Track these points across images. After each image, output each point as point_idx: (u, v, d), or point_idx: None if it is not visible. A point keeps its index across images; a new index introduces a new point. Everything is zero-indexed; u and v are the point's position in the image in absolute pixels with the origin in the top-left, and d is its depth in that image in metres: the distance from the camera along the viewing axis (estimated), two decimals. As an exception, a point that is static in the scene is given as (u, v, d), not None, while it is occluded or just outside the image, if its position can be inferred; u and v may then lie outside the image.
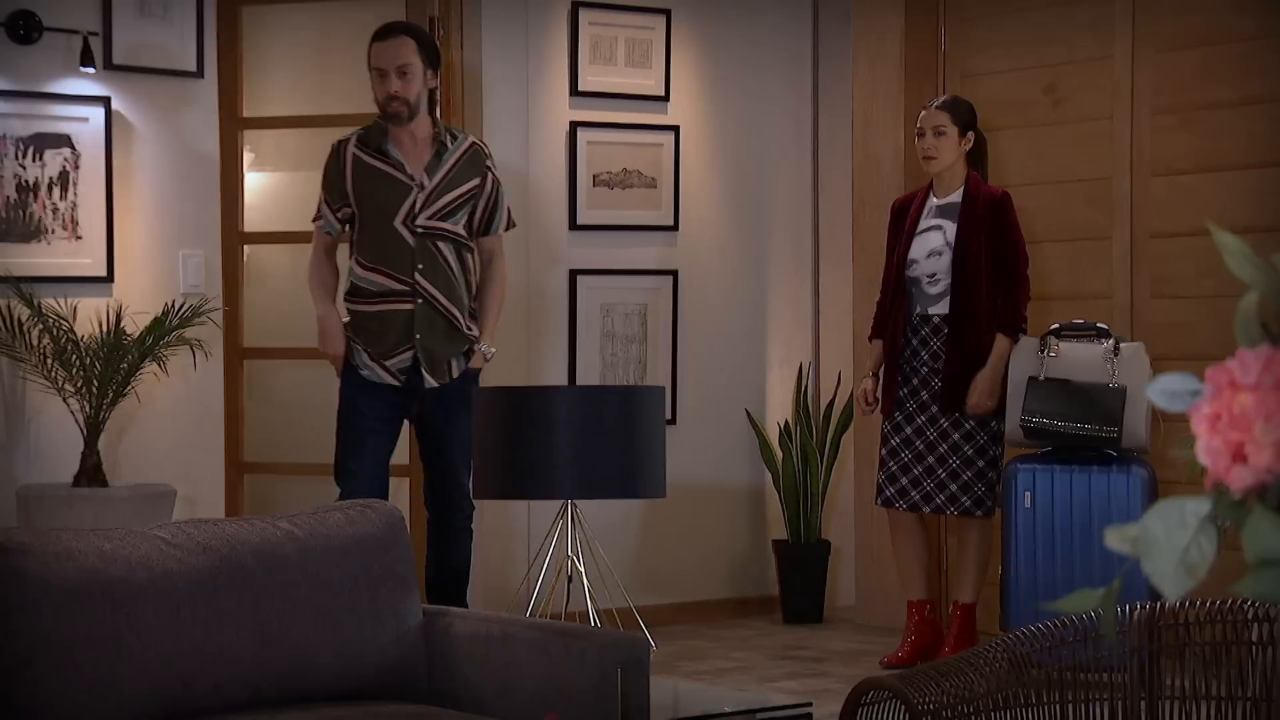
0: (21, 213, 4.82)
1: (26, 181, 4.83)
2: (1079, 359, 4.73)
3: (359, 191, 4.33)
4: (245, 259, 5.81)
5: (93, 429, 4.71)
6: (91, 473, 4.70)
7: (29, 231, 4.84)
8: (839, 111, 6.02)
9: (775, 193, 6.07)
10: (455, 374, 4.32)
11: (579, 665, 3.10)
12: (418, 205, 4.30)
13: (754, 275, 6.03)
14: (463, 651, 3.25)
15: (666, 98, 5.85)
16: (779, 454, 5.85)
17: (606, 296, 5.78)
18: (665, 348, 5.87)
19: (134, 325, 4.78)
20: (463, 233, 4.35)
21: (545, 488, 3.92)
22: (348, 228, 4.45)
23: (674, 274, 5.89)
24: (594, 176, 5.77)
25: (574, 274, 5.73)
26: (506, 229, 4.49)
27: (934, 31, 5.74)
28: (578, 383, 5.68)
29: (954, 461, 4.89)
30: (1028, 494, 4.63)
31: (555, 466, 3.88)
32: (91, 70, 4.89)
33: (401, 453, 5.69)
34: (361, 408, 4.38)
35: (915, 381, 4.93)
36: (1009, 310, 4.87)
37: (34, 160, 4.83)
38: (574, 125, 5.71)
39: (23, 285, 4.68)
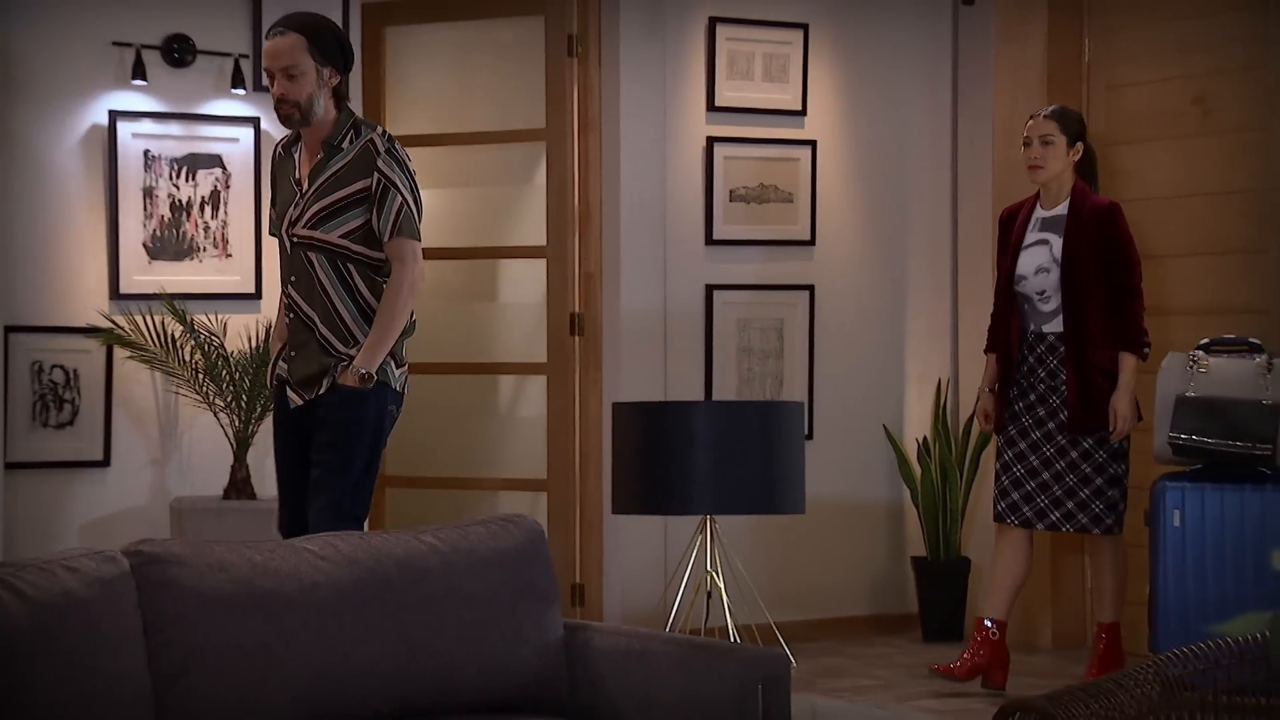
0: (175, 232, 4.95)
1: (180, 201, 4.96)
2: (1230, 375, 4.61)
3: (273, 196, 4.00)
4: (387, 275, 5.91)
5: (242, 443, 4.81)
6: (240, 485, 4.81)
7: (182, 250, 4.97)
8: (979, 122, 5.96)
9: (913, 206, 6.02)
10: (323, 389, 3.86)
11: (719, 681, 3.10)
12: (294, 214, 3.89)
13: (891, 289, 5.98)
14: (603, 666, 3.26)
15: (804, 112, 5.84)
16: (917, 470, 5.80)
17: (743, 311, 5.78)
18: (802, 363, 5.85)
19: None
20: (343, 242, 3.83)
21: (684, 503, 3.92)
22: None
23: (810, 289, 5.87)
24: (730, 192, 5.77)
25: (710, 289, 5.74)
26: (393, 235, 3.85)
27: (1077, 40, 5.65)
28: (714, 398, 5.68)
29: (1071, 479, 4.79)
30: (1176, 512, 4.51)
31: (694, 482, 3.88)
32: (242, 92, 5.01)
33: (536, 467, 5.74)
34: (279, 432, 4.01)
35: (1032, 397, 4.84)
36: (1129, 327, 4.75)
37: (187, 180, 4.96)
38: (710, 141, 5.72)
39: (176, 302, 4.80)
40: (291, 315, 3.91)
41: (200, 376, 4.79)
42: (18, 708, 2.60)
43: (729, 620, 4.15)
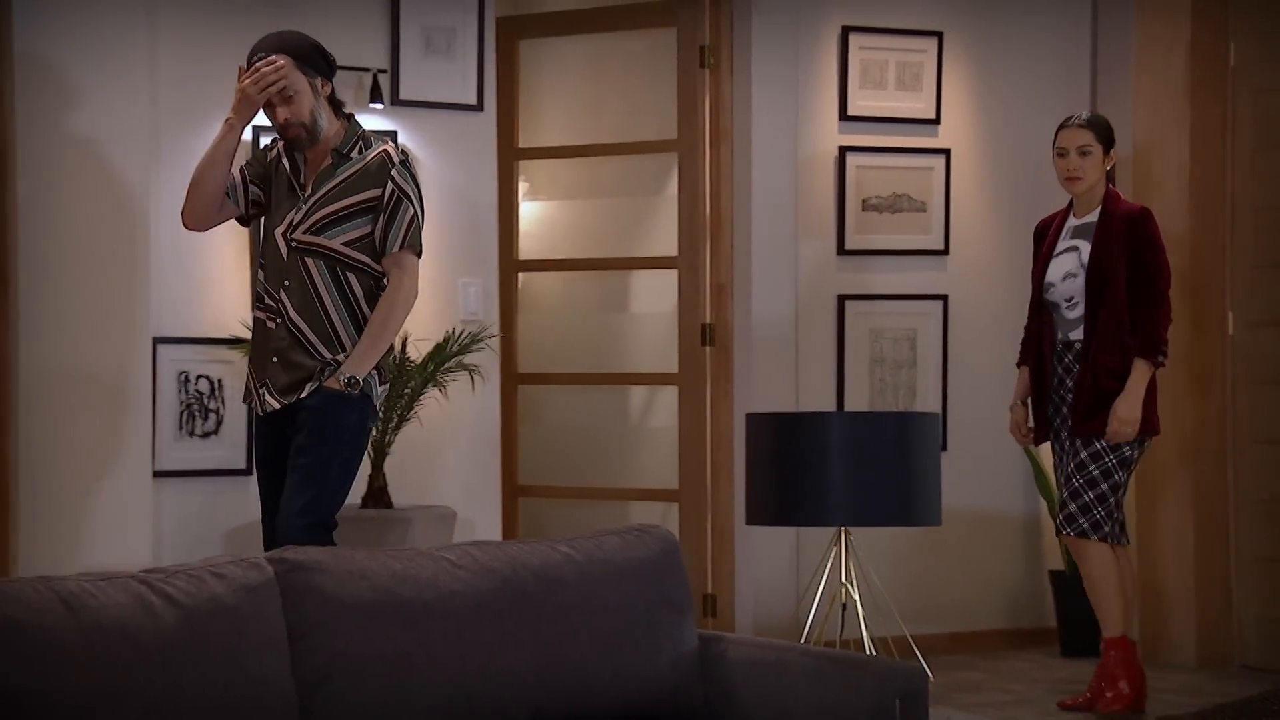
0: (314, 244, 5.04)
1: (319, 214, 5.04)
2: None
3: (268, 190, 3.94)
4: (519, 286, 5.97)
5: (379, 452, 4.88)
6: (378, 494, 4.88)
7: (320, 262, 5.05)
8: (1117, 129, 5.84)
9: (1050, 210, 5.93)
10: (304, 393, 3.83)
11: (856, 695, 3.07)
12: (296, 217, 3.86)
13: (1026, 299, 5.90)
14: (738, 677, 3.26)
15: (938, 120, 5.79)
16: (1054, 482, 5.71)
17: (875, 321, 5.74)
18: (935, 373, 5.79)
19: (417, 351, 4.94)
20: (345, 250, 3.82)
21: (819, 515, 3.90)
22: (247, 208, 3.98)
23: (944, 299, 5.82)
24: (863, 201, 5.74)
25: (842, 299, 5.71)
26: (403, 247, 3.85)
27: (1223, 46, 5.52)
28: (846, 409, 5.64)
29: (1077, 480, 4.66)
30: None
31: (829, 493, 3.86)
32: (380, 106, 5.09)
33: (668, 477, 5.75)
34: (260, 459, 3.99)
35: (1065, 410, 4.74)
36: (1148, 333, 4.64)
37: (326, 194, 5.04)
38: (843, 150, 5.69)
39: (314, 313, 4.88)
40: (276, 321, 3.87)
41: (339, 386, 4.86)
42: (169, 709, 2.66)
43: (864, 633, 4.11)
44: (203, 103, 4.87)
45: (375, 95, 5.07)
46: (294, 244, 3.86)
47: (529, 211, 6.13)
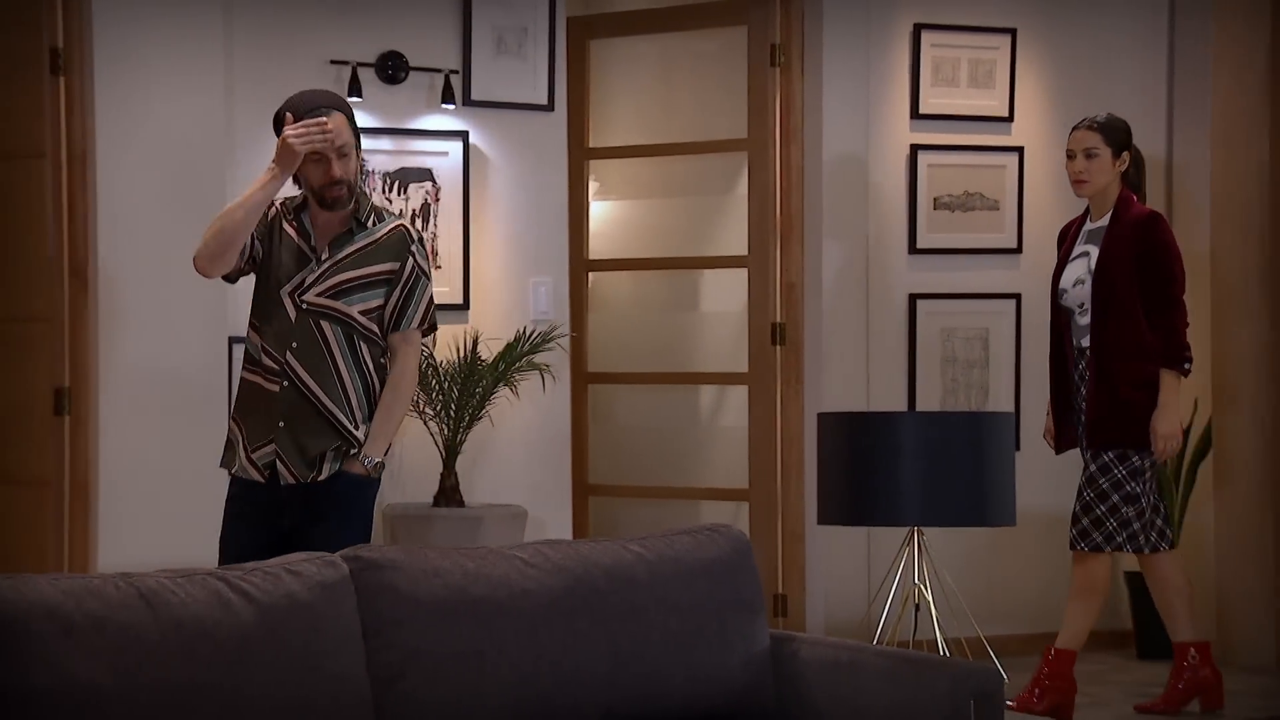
0: (387, 245, 5.07)
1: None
2: None
3: (268, 248, 3.74)
4: (589, 286, 5.98)
5: (451, 451, 4.91)
6: (449, 493, 4.90)
7: (394, 262, 5.08)
8: (1195, 128, 5.78)
9: (1124, 212, 5.87)
10: (324, 474, 3.68)
11: (929, 695, 3.06)
12: (309, 279, 3.69)
13: (1101, 298, 5.85)
14: (810, 677, 3.24)
15: (1010, 118, 5.74)
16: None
17: (947, 321, 5.70)
18: (1008, 372, 5.74)
19: (488, 351, 4.97)
20: (360, 318, 3.70)
21: (891, 515, 3.88)
22: (250, 263, 3.75)
23: (1017, 297, 5.77)
24: (935, 199, 5.70)
25: (913, 298, 5.67)
26: (423, 328, 3.78)
27: (1304, 42, 5.44)
28: (917, 408, 5.61)
29: (1088, 494, 4.57)
30: None
31: (901, 493, 3.84)
32: (451, 106, 5.12)
33: (738, 476, 5.74)
34: (237, 533, 3.72)
35: (1083, 419, 4.64)
36: (1169, 342, 4.53)
37: (398, 193, 5.08)
38: (914, 148, 5.66)
39: (387, 313, 4.91)
40: (281, 384, 3.67)
41: (411, 386, 4.89)
42: (246, 706, 2.69)
43: (938, 633, 4.09)
44: (278, 102, 4.91)
45: (447, 96, 5.10)
46: (305, 306, 3.69)
47: (599, 211, 6.14)
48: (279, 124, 3.68)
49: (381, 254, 3.72)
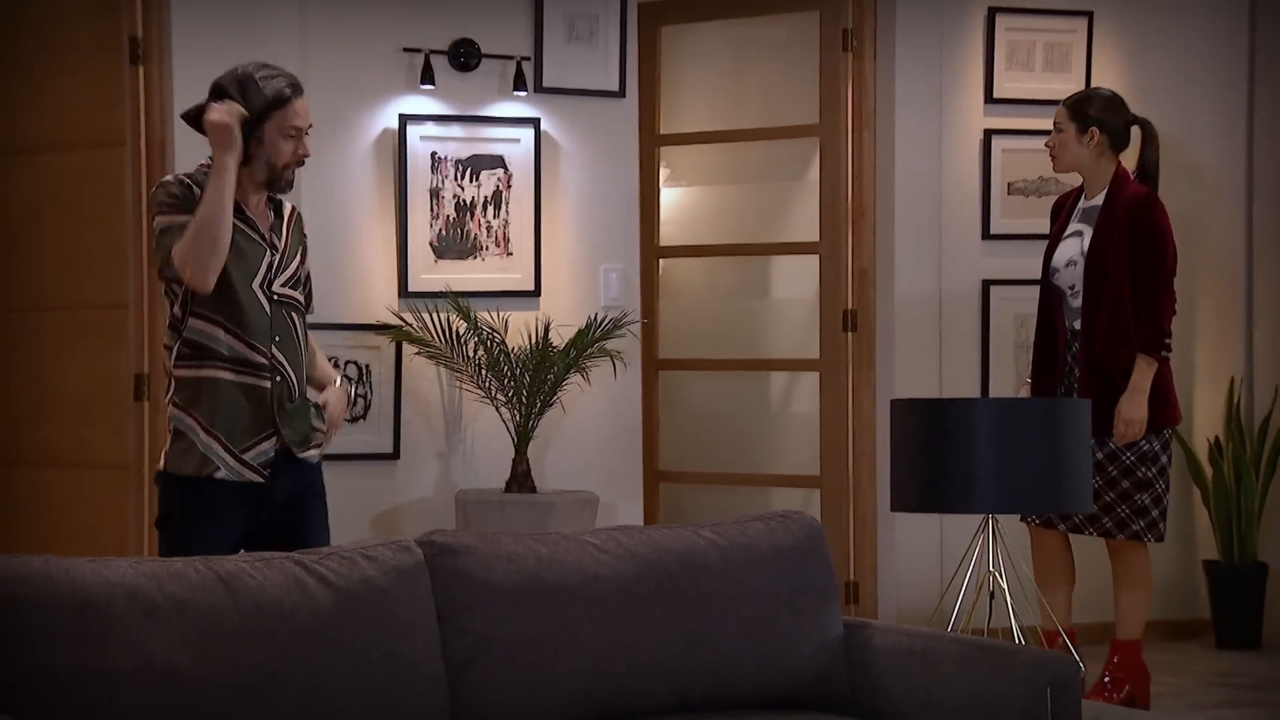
0: (459, 231, 5.10)
1: (464, 201, 5.11)
2: None
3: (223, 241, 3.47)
4: (660, 272, 5.98)
5: (522, 437, 4.92)
6: (521, 479, 4.92)
7: (465, 249, 5.11)
8: (1278, 110, 5.69)
9: (1203, 197, 5.79)
10: (316, 457, 3.62)
11: (1005, 684, 3.03)
12: (274, 269, 3.55)
13: (1179, 285, 5.75)
14: (884, 665, 3.23)
15: (1086, 102, 5.67)
16: (1209, 471, 5.58)
17: (1021, 307, 5.65)
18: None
19: (559, 337, 4.98)
20: (302, 305, 3.64)
21: (965, 502, 3.85)
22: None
23: (1093, 283, 5.70)
24: (1008, 185, 5.65)
25: (987, 284, 5.63)
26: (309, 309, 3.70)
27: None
28: (990, 394, 5.57)
29: (1096, 481, 4.46)
30: None
31: (976, 480, 3.81)
32: (523, 93, 5.13)
33: (809, 463, 5.72)
34: (210, 533, 3.48)
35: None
36: (1149, 326, 4.44)
37: (471, 181, 5.10)
38: (988, 133, 5.61)
39: (460, 300, 4.94)
40: (274, 379, 3.52)
41: (483, 372, 4.92)
42: (324, 688, 2.71)
43: (1013, 622, 4.05)
44: (352, 89, 4.95)
45: (519, 83, 5.11)
46: (275, 297, 3.56)
47: (670, 197, 6.13)
48: (260, 104, 3.50)
49: (296, 238, 3.63)
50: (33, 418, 4.58)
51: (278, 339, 3.55)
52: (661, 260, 5.99)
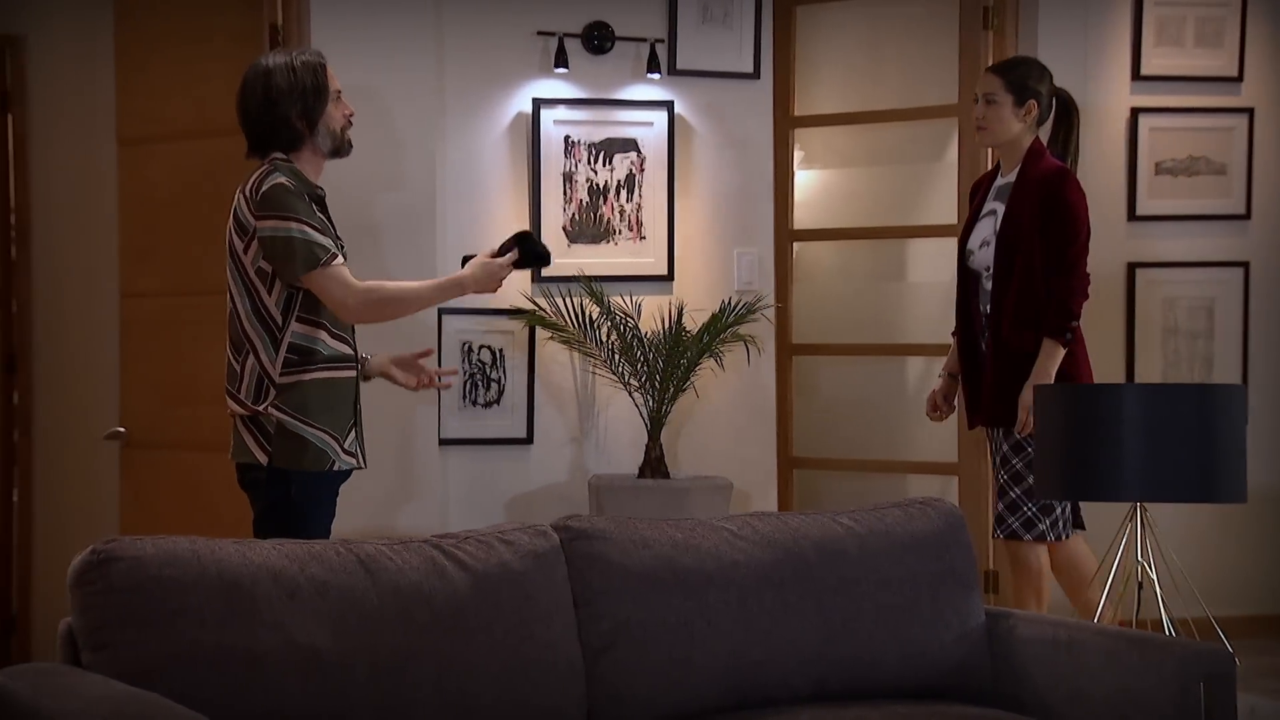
0: (592, 215, 5.09)
1: (597, 185, 5.09)
2: None
3: (315, 224, 3.62)
4: (794, 256, 5.91)
5: (655, 422, 4.90)
6: (655, 464, 4.89)
7: (598, 233, 5.10)
8: None
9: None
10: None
11: (1156, 677, 2.95)
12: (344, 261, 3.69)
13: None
14: (1028, 655, 3.16)
15: (1240, 78, 5.50)
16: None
17: (1169, 290, 5.50)
18: (1235, 344, 5.51)
19: (693, 322, 4.94)
20: None
21: (1112, 490, 3.74)
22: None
23: (1245, 265, 5.53)
24: (1156, 164, 5.50)
25: (1132, 267, 5.49)
26: None
27: None
28: (1136, 380, 5.43)
29: (1002, 476, 4.23)
30: None
31: (1123, 468, 3.70)
32: (656, 76, 5.09)
33: (946, 449, 5.62)
34: (323, 524, 3.64)
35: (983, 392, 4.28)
36: (1054, 308, 4.12)
37: (604, 164, 5.08)
38: (1135, 111, 5.46)
39: (593, 284, 4.93)
40: (356, 369, 3.69)
41: (616, 357, 4.90)
42: (462, 670, 2.72)
43: (1163, 613, 3.94)
44: (488, 74, 4.96)
45: (652, 65, 5.07)
46: None
47: (804, 180, 6.06)
48: (317, 85, 3.64)
49: None
50: (175, 401, 4.65)
51: (353, 328, 3.71)
52: (795, 244, 5.92)
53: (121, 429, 4.73)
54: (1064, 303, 4.17)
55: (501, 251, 3.80)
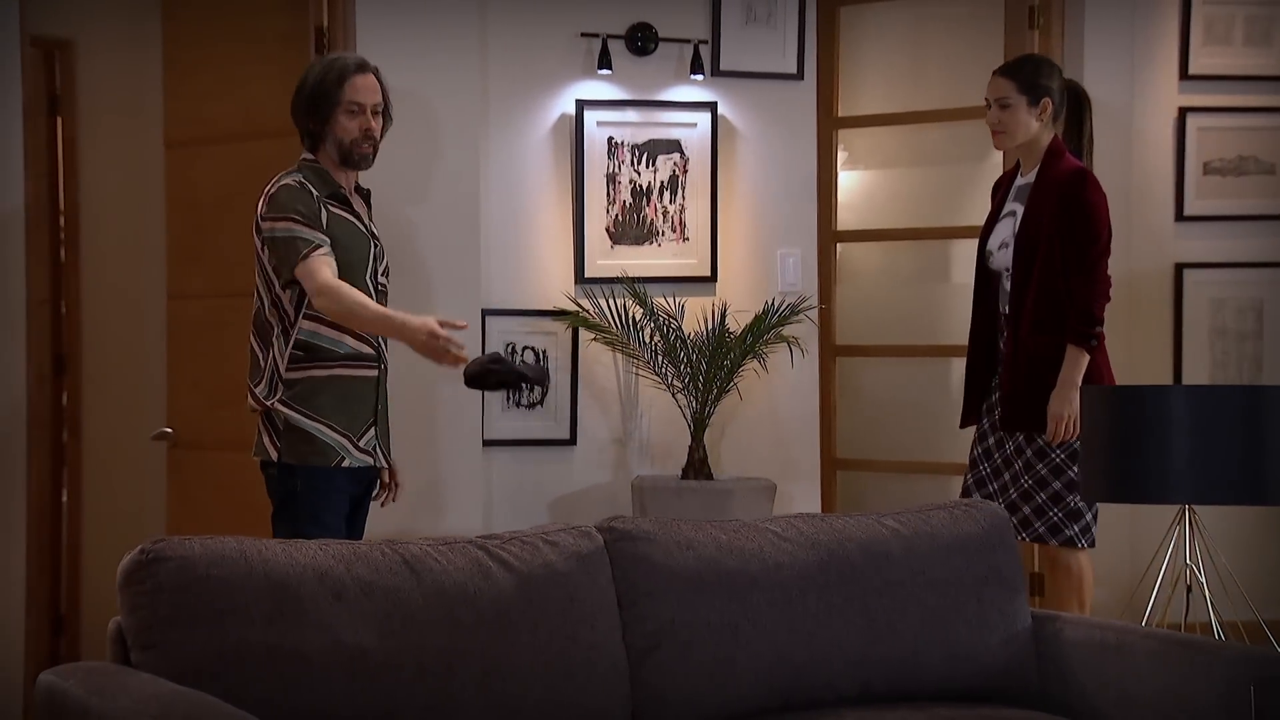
0: (635, 216, 5.09)
1: (640, 186, 5.09)
2: None
3: (333, 236, 3.66)
4: (838, 257, 5.89)
5: (699, 423, 4.89)
6: (698, 466, 4.89)
7: (641, 234, 5.10)
8: None
9: None
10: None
11: (1205, 681, 2.92)
12: (376, 260, 3.75)
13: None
14: (1075, 658, 3.14)
15: (1289, 77, 5.45)
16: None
17: (1217, 291, 5.45)
18: (1284, 345, 5.47)
19: (736, 323, 4.94)
20: None
21: (1160, 492, 3.71)
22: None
23: (1293, 266, 5.48)
24: (1204, 165, 5.45)
25: (1180, 267, 5.44)
26: None
27: None
28: (1183, 381, 5.39)
29: (1026, 481, 4.17)
30: None
31: (1171, 470, 3.67)
32: (700, 77, 5.09)
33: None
34: (329, 520, 3.65)
35: (1000, 392, 4.24)
36: (1078, 313, 4.05)
37: (647, 166, 5.09)
38: (1183, 111, 5.41)
39: (636, 285, 4.93)
40: (381, 366, 3.73)
41: (659, 358, 4.90)
42: (507, 670, 2.72)
43: (1212, 616, 3.90)
44: (531, 76, 4.97)
45: (696, 66, 5.07)
46: (379, 288, 3.77)
47: (848, 181, 6.04)
48: (324, 89, 3.70)
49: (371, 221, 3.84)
50: (223, 402, 4.67)
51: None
52: (839, 245, 5.90)
53: (169, 430, 4.77)
54: (1087, 309, 4.12)
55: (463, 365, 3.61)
